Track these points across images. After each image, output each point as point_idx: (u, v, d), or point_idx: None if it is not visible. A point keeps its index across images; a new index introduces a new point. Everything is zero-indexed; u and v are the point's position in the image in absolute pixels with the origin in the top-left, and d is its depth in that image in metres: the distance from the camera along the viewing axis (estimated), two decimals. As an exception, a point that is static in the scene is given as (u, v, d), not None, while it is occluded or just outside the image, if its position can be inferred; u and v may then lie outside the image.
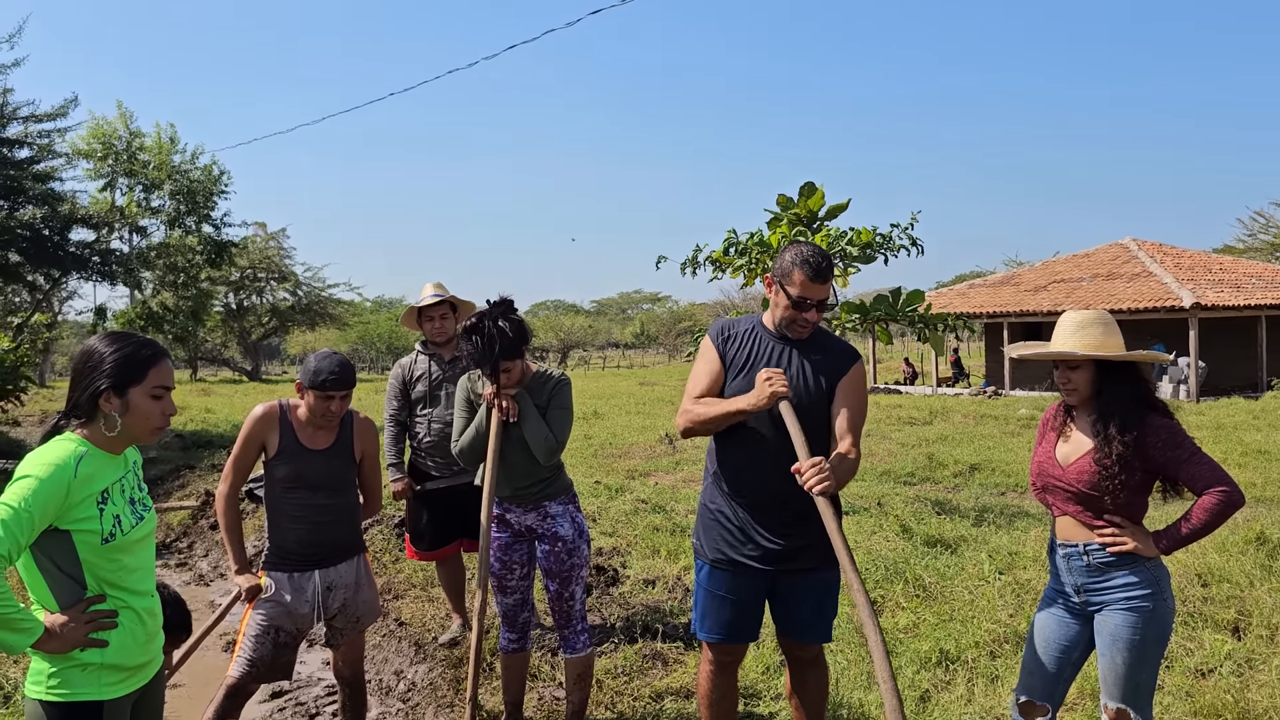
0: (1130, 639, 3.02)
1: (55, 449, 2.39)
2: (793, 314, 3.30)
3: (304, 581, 3.77)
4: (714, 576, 3.39)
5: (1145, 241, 27.76)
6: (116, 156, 35.64)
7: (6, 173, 18.92)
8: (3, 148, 19.33)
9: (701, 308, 70.65)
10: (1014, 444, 13.14)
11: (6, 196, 19.05)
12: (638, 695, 4.56)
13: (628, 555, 7.07)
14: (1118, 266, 26.34)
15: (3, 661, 5.18)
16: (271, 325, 51.10)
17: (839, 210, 8.98)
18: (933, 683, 4.51)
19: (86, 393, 2.45)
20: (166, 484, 12.30)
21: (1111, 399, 3.06)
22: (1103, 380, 3.10)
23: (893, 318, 8.72)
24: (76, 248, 21.24)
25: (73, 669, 2.39)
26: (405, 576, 6.93)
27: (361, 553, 3.97)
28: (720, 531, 3.37)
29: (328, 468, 3.77)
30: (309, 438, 3.77)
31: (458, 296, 5.54)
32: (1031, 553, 6.53)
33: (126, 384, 2.46)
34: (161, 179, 36.63)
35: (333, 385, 3.65)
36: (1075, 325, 3.15)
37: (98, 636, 2.41)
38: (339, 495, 3.83)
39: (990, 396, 23.17)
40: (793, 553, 3.29)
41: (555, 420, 3.94)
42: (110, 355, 2.47)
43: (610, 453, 13.39)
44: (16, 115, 19.59)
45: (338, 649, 3.97)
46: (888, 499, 8.98)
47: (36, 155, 20.23)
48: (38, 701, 2.39)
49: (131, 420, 2.47)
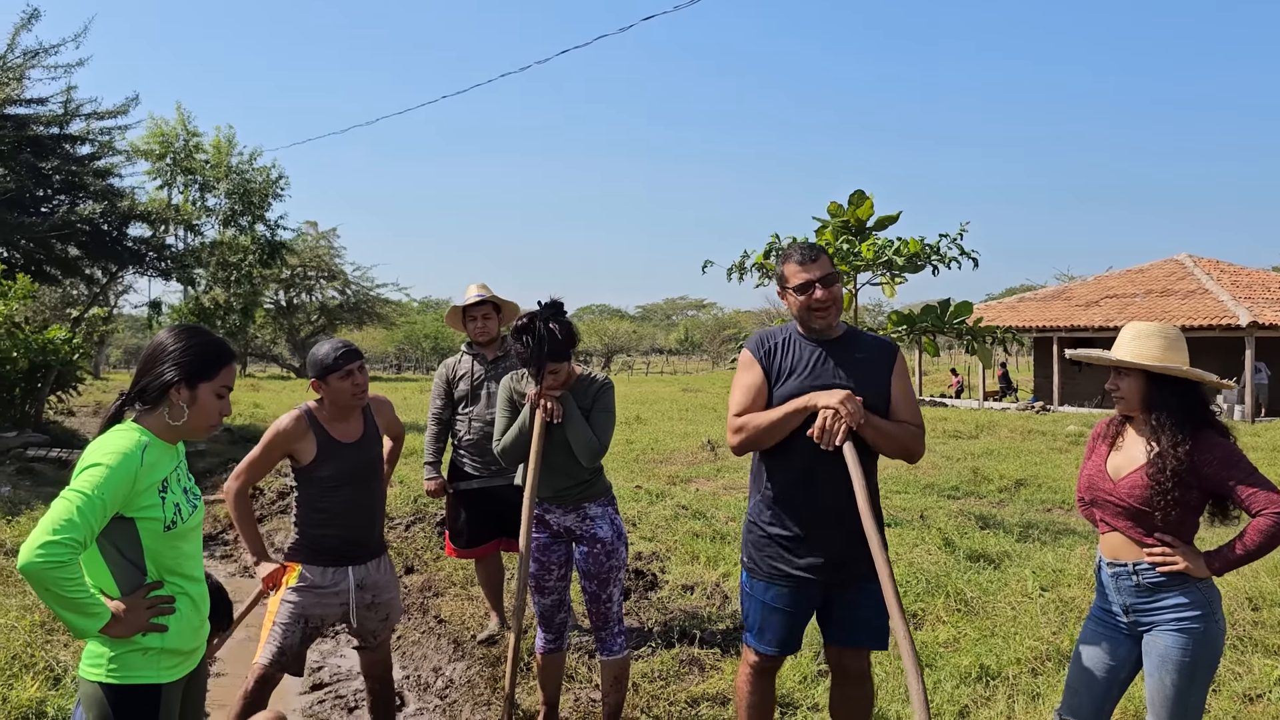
0: (1180, 660, 2.95)
1: (120, 438, 2.43)
2: (804, 300, 3.28)
3: (338, 577, 3.81)
4: (769, 590, 3.35)
5: (1202, 258, 27.24)
6: (175, 156, 36.35)
7: (69, 168, 19.37)
8: (66, 144, 19.78)
9: (747, 315, 70.49)
10: (1061, 460, 12.94)
11: (68, 191, 19.50)
12: (674, 700, 4.54)
13: (667, 560, 7.06)
14: (1172, 283, 25.86)
15: (51, 644, 5.29)
16: (320, 323, 51.77)
17: (888, 221, 8.92)
18: (972, 698, 4.45)
19: (158, 380, 2.50)
20: (214, 476, 12.50)
21: (1163, 412, 3.01)
22: (1154, 392, 3.04)
23: (940, 329, 8.63)
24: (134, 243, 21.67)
25: (133, 652, 2.44)
26: (445, 574, 6.98)
27: (385, 552, 4.02)
28: (773, 548, 3.32)
29: (362, 457, 3.83)
30: (341, 433, 3.82)
31: (501, 297, 5.57)
32: (1077, 570, 6.42)
33: (197, 379, 2.52)
34: (219, 177, 37.31)
35: (345, 359, 3.71)
36: (1134, 335, 3.12)
37: (157, 621, 2.46)
38: (374, 487, 3.90)
39: (1038, 412, 22.85)
40: (847, 563, 3.25)
41: (598, 423, 3.95)
42: (186, 349, 2.53)
43: (652, 458, 13.39)
44: (79, 112, 20.05)
45: (370, 650, 4.00)
46: (931, 512, 8.88)
47: (97, 152, 20.67)
48: (96, 684, 2.43)
49: (194, 414, 2.54)
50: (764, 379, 3.31)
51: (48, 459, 12.42)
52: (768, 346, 3.37)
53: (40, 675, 4.75)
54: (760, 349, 3.37)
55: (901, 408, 3.29)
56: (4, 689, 4.50)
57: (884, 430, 3.20)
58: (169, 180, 36.50)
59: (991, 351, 9.18)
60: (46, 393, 14.56)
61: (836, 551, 3.24)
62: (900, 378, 3.34)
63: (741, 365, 3.40)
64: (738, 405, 3.32)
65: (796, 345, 3.35)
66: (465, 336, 5.63)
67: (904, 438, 3.24)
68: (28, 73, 18.82)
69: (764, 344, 3.39)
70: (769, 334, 3.45)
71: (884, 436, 3.20)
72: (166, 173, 36.44)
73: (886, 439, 3.21)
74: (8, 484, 10.68)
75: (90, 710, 2.44)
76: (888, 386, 3.30)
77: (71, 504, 2.27)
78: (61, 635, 5.53)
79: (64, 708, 4.37)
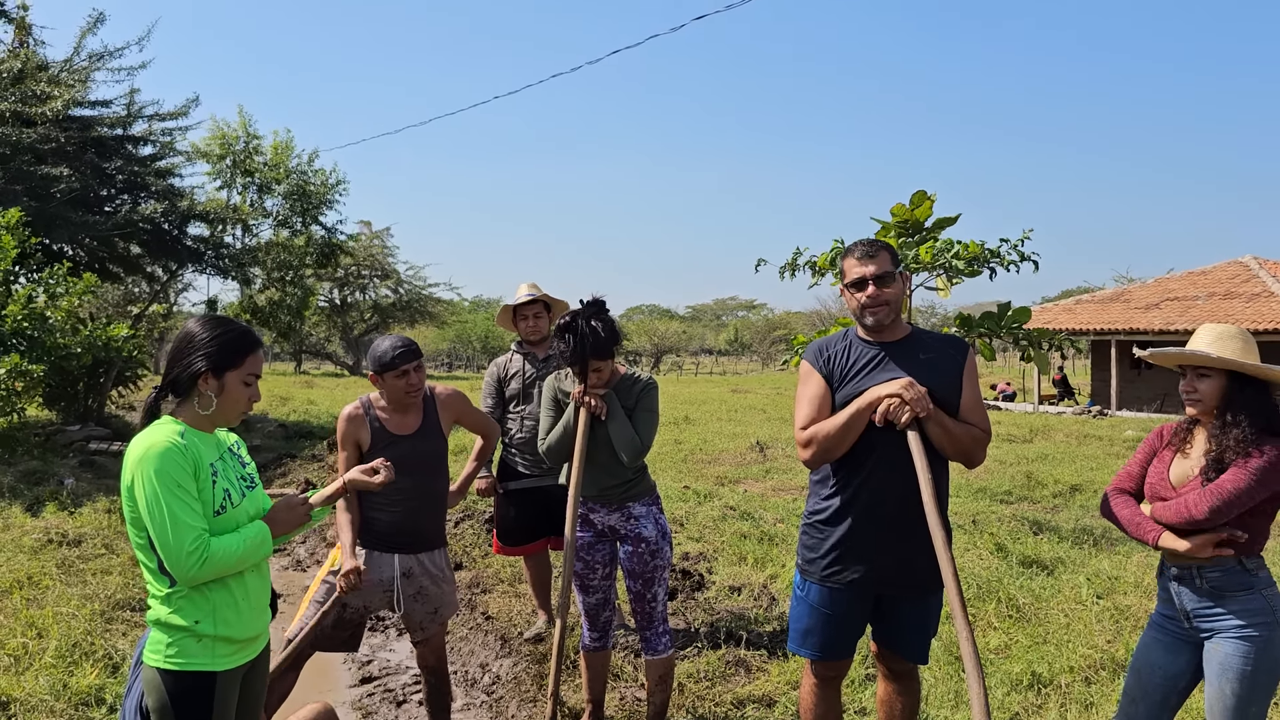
0: (1241, 669, 2.87)
1: (158, 432, 2.49)
2: (858, 297, 3.21)
3: (382, 562, 3.86)
4: (822, 595, 3.28)
5: (1268, 260, 26.54)
6: (235, 158, 37.03)
7: (131, 169, 19.79)
8: (128, 145, 20.21)
9: (798, 316, 70.08)
10: (1118, 466, 12.65)
11: (130, 191, 19.91)
12: (719, 701, 4.53)
13: (714, 561, 7.03)
14: (1236, 285, 25.23)
15: (110, 633, 5.41)
16: (373, 321, 52.44)
17: (946, 223, 8.79)
18: (1023, 705, 4.37)
19: (187, 371, 2.57)
20: (269, 472, 12.73)
21: (1242, 415, 2.92)
22: (1236, 394, 2.96)
23: (996, 333, 8.51)
24: (193, 242, 22.08)
25: (188, 639, 2.49)
26: (494, 571, 7.02)
27: (443, 546, 4.03)
28: (830, 549, 3.24)
29: (418, 450, 3.86)
30: (397, 425, 3.88)
31: (551, 296, 5.59)
32: (1133, 578, 6.29)
33: (224, 367, 2.58)
34: (278, 179, 37.94)
35: (403, 359, 3.75)
36: (1215, 335, 3.03)
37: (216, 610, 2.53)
38: (431, 480, 3.92)
39: (1095, 416, 22.42)
40: (906, 570, 3.19)
41: (641, 422, 3.94)
42: (211, 339, 2.59)
43: (700, 458, 13.36)
44: (142, 114, 20.47)
45: (421, 645, 4.03)
46: (983, 516, 8.76)
47: (159, 152, 21.09)
48: (155, 669, 2.50)
49: (223, 402, 2.60)
50: (826, 386, 3.23)
51: (109, 452, 12.72)
52: (826, 354, 3.29)
53: (99, 663, 4.87)
54: (819, 358, 3.29)
55: (970, 409, 3.18)
56: (65, 675, 4.62)
57: (947, 427, 3.10)
58: (228, 181, 37.20)
59: (1048, 357, 9.02)
60: (109, 387, 14.93)
61: (895, 557, 3.17)
62: (971, 378, 3.23)
63: (802, 377, 3.33)
64: (804, 418, 3.22)
65: (855, 348, 3.27)
66: (516, 335, 5.66)
67: (967, 439, 3.13)
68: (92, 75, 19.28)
69: (822, 352, 3.31)
70: (826, 342, 3.36)
71: (947, 434, 3.10)
72: (226, 173, 37.14)
73: (950, 437, 3.11)
74: (71, 476, 10.96)
75: (150, 695, 2.50)
76: (958, 384, 3.19)
77: (165, 517, 2.39)
78: (120, 625, 5.66)
79: (121, 695, 4.47)
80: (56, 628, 5.25)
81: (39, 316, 12.70)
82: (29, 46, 18.32)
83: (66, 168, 17.03)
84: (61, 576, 6.54)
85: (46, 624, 5.32)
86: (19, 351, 12.12)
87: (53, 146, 17.08)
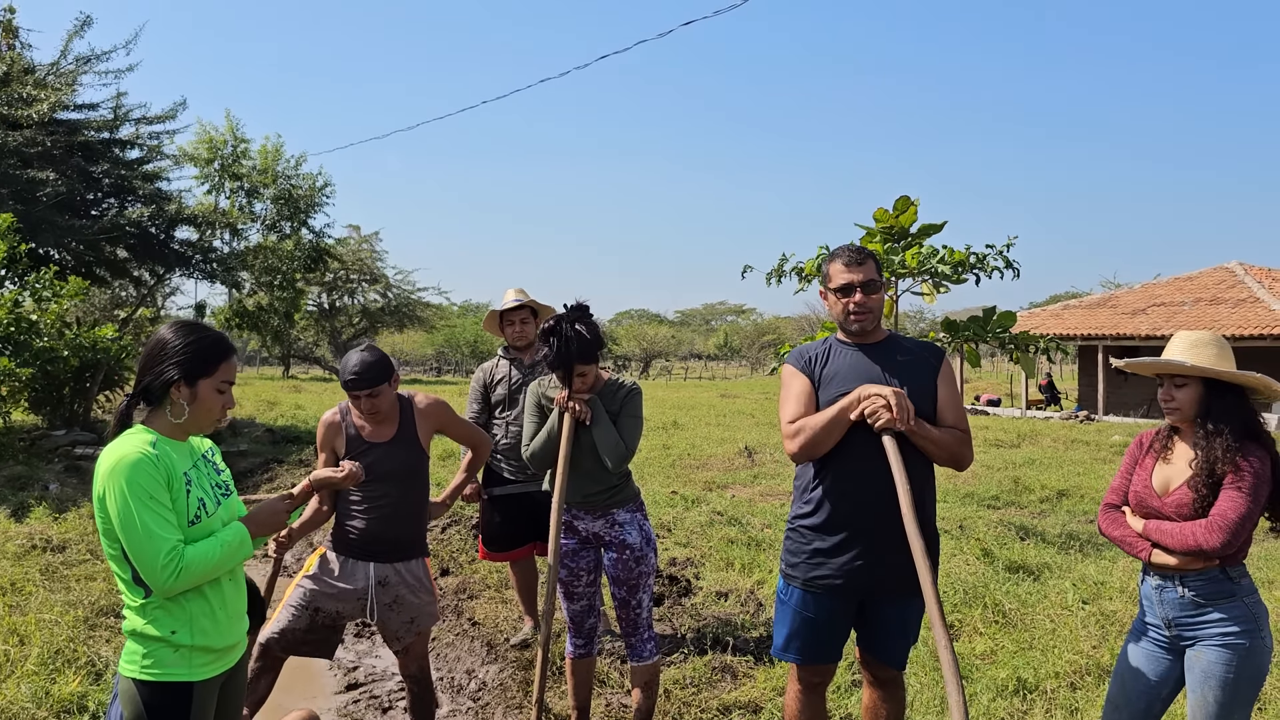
0: (1223, 677, 2.89)
1: (129, 444, 2.45)
2: (844, 303, 3.28)
3: (356, 569, 3.85)
4: (804, 599, 3.31)
5: (1253, 266, 26.70)
6: (223, 161, 36.92)
7: (118, 172, 19.74)
8: (115, 148, 20.16)
9: (786, 321, 70.18)
10: (1105, 471, 12.73)
11: (117, 195, 19.87)
12: (705, 707, 4.52)
13: (701, 566, 7.03)
14: (1222, 291, 25.37)
15: (94, 640, 5.38)
16: (362, 326, 52.28)
17: (931, 230, 8.83)
18: (1009, 711, 4.38)
19: (159, 379, 2.53)
20: (255, 477, 12.66)
21: (1221, 422, 2.93)
22: (1210, 401, 2.98)
23: (982, 338, 8.54)
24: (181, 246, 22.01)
25: (165, 649, 2.46)
26: (480, 577, 7.00)
27: (422, 556, 3.99)
28: (813, 555, 3.27)
29: (392, 458, 3.84)
30: (371, 432, 3.87)
31: (538, 301, 5.59)
32: (1119, 583, 6.31)
33: (197, 375, 2.54)
34: (266, 183, 37.84)
35: (352, 386, 3.71)
36: (1190, 343, 3.05)
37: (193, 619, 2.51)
38: (407, 489, 3.90)
39: (1082, 421, 22.50)
40: (888, 573, 3.20)
41: (626, 428, 3.94)
42: (184, 346, 2.55)
43: (688, 463, 13.35)
44: (129, 117, 20.42)
45: (402, 654, 4.01)
46: (970, 522, 8.77)
47: (146, 156, 21.04)
48: (131, 680, 2.47)
49: (196, 410, 2.56)
50: (810, 385, 3.30)
51: (94, 457, 12.61)
52: (808, 357, 3.37)
53: (82, 670, 4.84)
54: (801, 360, 3.37)
55: (947, 412, 3.25)
56: (47, 683, 4.59)
57: (932, 437, 3.15)
58: (216, 185, 37.09)
59: (1034, 361, 9.05)
60: (95, 392, 14.84)
61: (877, 560, 3.20)
62: (946, 382, 3.30)
63: (786, 378, 3.39)
64: (790, 412, 3.27)
65: (837, 352, 3.35)
66: (502, 340, 5.66)
67: (953, 443, 3.20)
68: (79, 78, 19.23)
69: (804, 355, 3.39)
70: (807, 348, 3.44)
71: (934, 443, 3.16)
72: (214, 177, 37.03)
73: (937, 446, 3.17)
74: (56, 481, 10.90)
75: (126, 706, 2.47)
76: (932, 389, 3.26)
77: (139, 530, 2.36)
78: (103, 631, 5.62)
79: (104, 702, 4.44)
80: (39, 634, 5.21)
81: (26, 320, 12.63)
82: (15, 49, 18.25)
83: (53, 171, 16.98)
84: (45, 582, 6.50)
85: (29, 631, 5.28)
86: (5, 355, 12.05)
87: (39, 150, 17.02)
